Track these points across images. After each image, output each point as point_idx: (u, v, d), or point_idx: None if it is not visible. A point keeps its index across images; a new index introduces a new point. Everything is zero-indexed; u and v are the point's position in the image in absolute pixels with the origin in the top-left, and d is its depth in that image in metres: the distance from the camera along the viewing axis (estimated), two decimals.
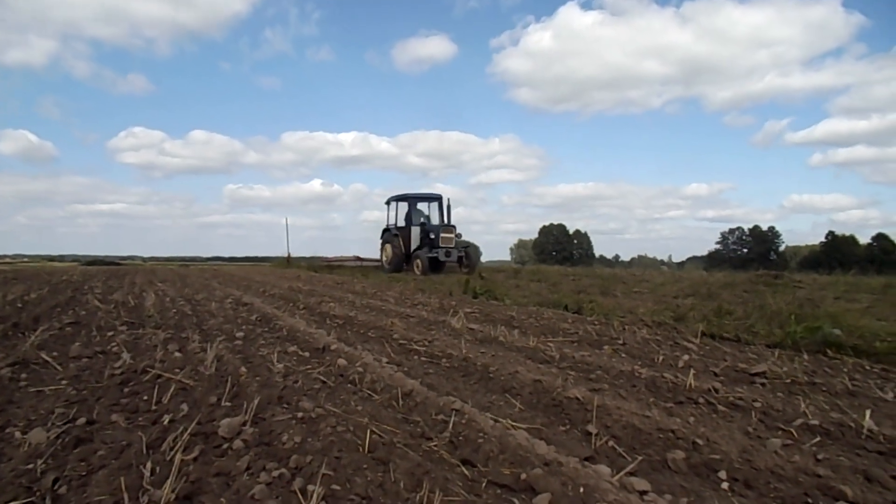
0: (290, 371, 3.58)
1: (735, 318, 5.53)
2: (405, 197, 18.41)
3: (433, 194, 18.50)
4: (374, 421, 2.61)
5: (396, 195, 18.61)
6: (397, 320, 5.84)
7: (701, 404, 2.92)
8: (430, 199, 18.50)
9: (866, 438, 2.40)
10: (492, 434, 2.36)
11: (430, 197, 18.49)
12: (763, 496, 1.99)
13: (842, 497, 1.90)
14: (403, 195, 18.40)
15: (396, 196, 18.62)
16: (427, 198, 18.52)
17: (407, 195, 18.37)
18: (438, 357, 4.13)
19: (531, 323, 5.67)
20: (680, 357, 3.99)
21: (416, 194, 18.52)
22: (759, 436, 2.47)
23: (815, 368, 3.71)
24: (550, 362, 3.91)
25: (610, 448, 2.40)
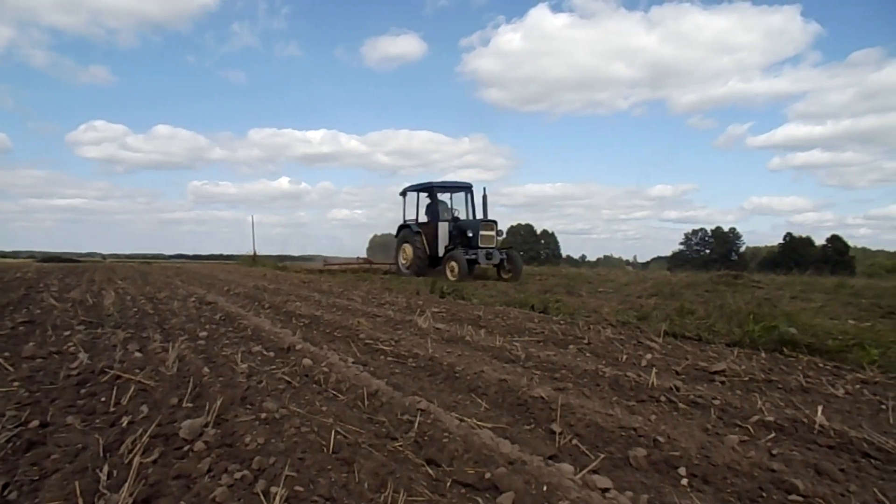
0: (255, 371, 3.53)
1: (697, 318, 5.66)
2: (427, 186, 14.87)
3: (462, 183, 15.12)
4: (338, 421, 2.59)
5: (416, 185, 15.28)
6: (364, 320, 5.82)
7: (662, 402, 2.98)
8: (457, 189, 15.21)
9: (818, 433, 2.48)
10: (457, 433, 2.37)
11: (457, 186, 15.13)
12: (720, 491, 2.04)
13: (794, 490, 1.96)
14: (426, 184, 14.92)
15: (416, 185, 15.26)
16: (453, 187, 15.16)
17: (430, 184, 14.82)
18: (405, 357, 4.13)
19: (498, 322, 5.71)
20: (643, 356, 4.06)
21: (442, 183, 14.98)
22: (718, 432, 2.53)
23: (772, 366, 3.82)
24: (516, 361, 3.94)
25: (573, 446, 2.43)
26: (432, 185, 14.69)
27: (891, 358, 3.87)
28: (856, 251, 67.17)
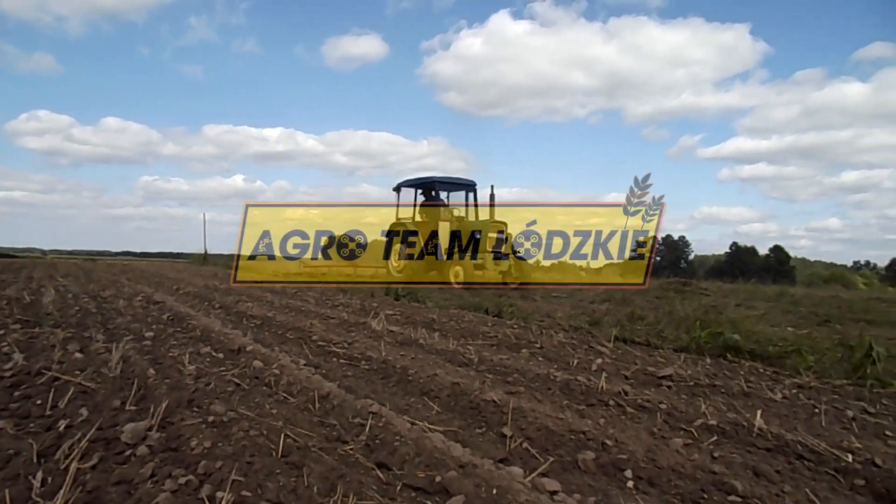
0: (203, 373, 3.45)
1: (646, 324, 5.79)
2: (427, 182, 12.82)
3: (464, 180, 13.09)
4: (289, 424, 2.55)
5: (412, 179, 13.20)
6: (317, 321, 5.75)
7: (611, 406, 3.03)
8: (459, 186, 13.16)
9: (757, 436, 2.57)
10: (408, 437, 2.36)
11: (460, 183, 13.06)
12: (664, 493, 2.09)
13: (733, 491, 2.03)
14: (425, 179, 12.85)
15: (412, 180, 13.18)
16: (456, 184, 13.08)
17: (431, 179, 12.71)
18: (358, 359, 4.09)
19: (452, 326, 5.72)
20: (594, 361, 4.13)
21: (444, 178, 12.84)
22: (664, 436, 2.60)
23: (716, 371, 3.94)
24: (469, 365, 3.96)
25: (524, 450, 2.46)
26: (433, 180, 12.67)
27: (825, 364, 4.04)
28: (796, 261, 69.99)
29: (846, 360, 4.03)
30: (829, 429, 2.76)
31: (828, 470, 2.25)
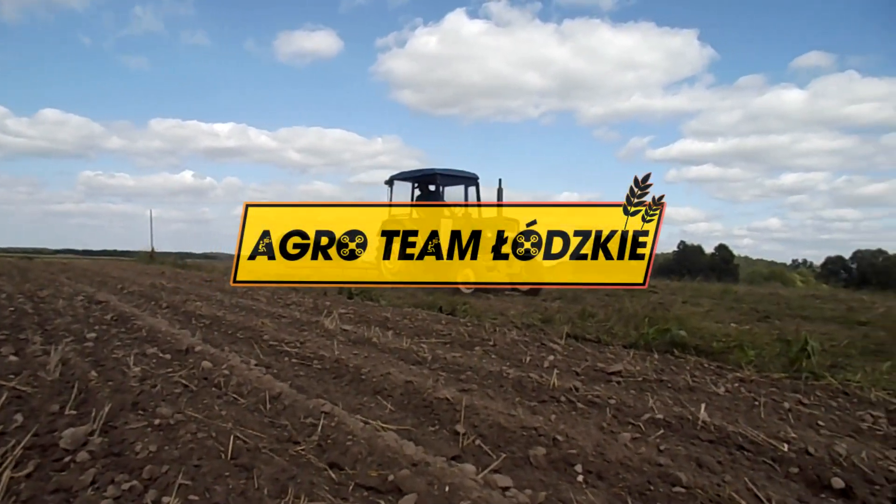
0: (148, 375, 3.34)
1: (597, 321, 5.92)
2: (427, 174, 11.40)
3: (467, 173, 11.79)
4: (238, 426, 2.51)
5: (409, 171, 11.89)
6: (268, 320, 5.65)
7: (562, 402, 3.09)
8: (461, 180, 11.81)
9: (700, 429, 2.66)
10: (361, 436, 2.35)
11: (461, 176, 11.73)
12: (613, 486, 2.14)
13: (678, 483, 2.09)
14: (425, 171, 11.48)
15: (409, 173, 11.88)
16: (458, 177, 11.71)
17: (432, 171, 11.33)
18: (310, 358, 4.04)
19: (406, 324, 5.71)
20: (546, 357, 4.19)
21: (446, 171, 11.51)
22: (612, 430, 2.66)
23: (664, 367, 4.06)
24: (423, 363, 3.96)
25: (476, 447, 2.47)
26: (435, 172, 11.30)
27: (765, 358, 4.22)
28: (739, 260, 72.54)
29: (784, 355, 4.21)
30: (768, 420, 2.87)
31: (765, 459, 2.35)
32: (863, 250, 59.30)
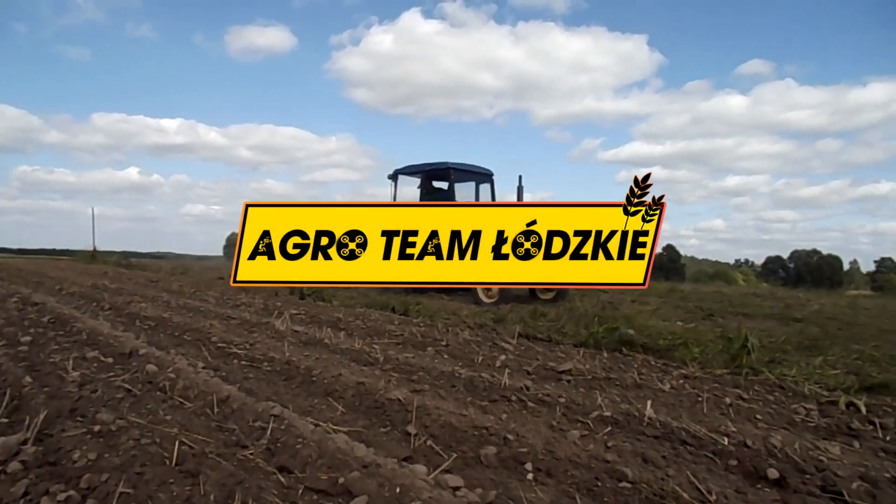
0: (88, 379, 3.22)
1: (548, 320, 6.00)
2: (440, 168, 9.99)
3: (482, 168, 10.56)
4: (184, 431, 2.44)
5: (417, 165, 10.48)
6: (217, 322, 5.52)
7: (513, 402, 3.12)
8: (474, 176, 10.55)
9: (646, 425, 2.73)
10: (311, 439, 2.32)
11: (478, 172, 10.51)
12: (561, 483, 2.18)
13: (624, 478, 2.15)
14: (437, 165, 10.07)
15: (417, 166, 10.46)
16: (473, 172, 10.46)
17: (445, 165, 9.93)
18: (260, 360, 3.97)
19: (358, 325, 5.67)
20: (498, 357, 4.23)
21: (460, 165, 10.12)
22: (562, 428, 2.70)
23: (612, 365, 4.15)
24: (375, 364, 3.94)
25: (428, 447, 2.48)
26: (448, 166, 9.89)
27: (708, 355, 4.37)
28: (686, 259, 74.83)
29: (726, 351, 4.37)
30: (710, 415, 2.97)
31: (707, 453, 2.43)
32: (799, 250, 62.17)
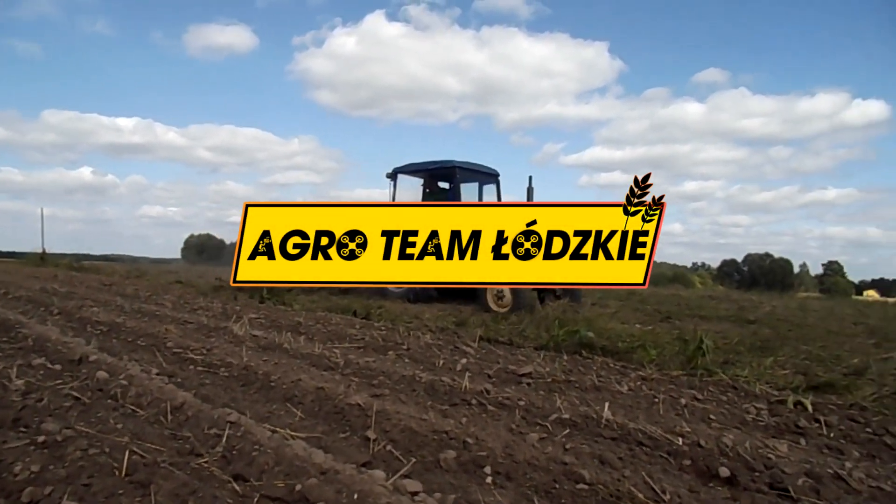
0: (33, 388, 3.10)
1: (510, 324, 6.04)
2: (445, 166, 9.37)
3: (488, 168, 10.04)
4: (135, 440, 2.37)
5: (419, 163, 9.80)
6: (173, 327, 5.39)
7: (473, 405, 3.13)
8: (480, 176, 9.99)
9: (604, 427, 2.77)
10: (268, 445, 2.28)
11: (481, 172, 9.93)
12: (520, 486, 2.19)
13: (581, 480, 2.17)
14: (442, 164, 9.42)
15: (416, 165, 9.83)
16: (478, 172, 9.88)
17: (451, 163, 9.30)
18: (217, 366, 3.89)
19: (319, 329, 5.60)
20: (459, 361, 4.24)
21: (465, 164, 9.50)
22: (521, 431, 2.72)
23: (572, 367, 4.20)
24: (335, 369, 3.90)
25: (387, 452, 2.46)
26: (454, 164, 9.28)
27: (665, 357, 4.46)
28: None
29: (682, 353, 4.47)
30: (666, 416, 3.04)
31: (662, 453, 2.48)
32: (753, 254, 64.10)
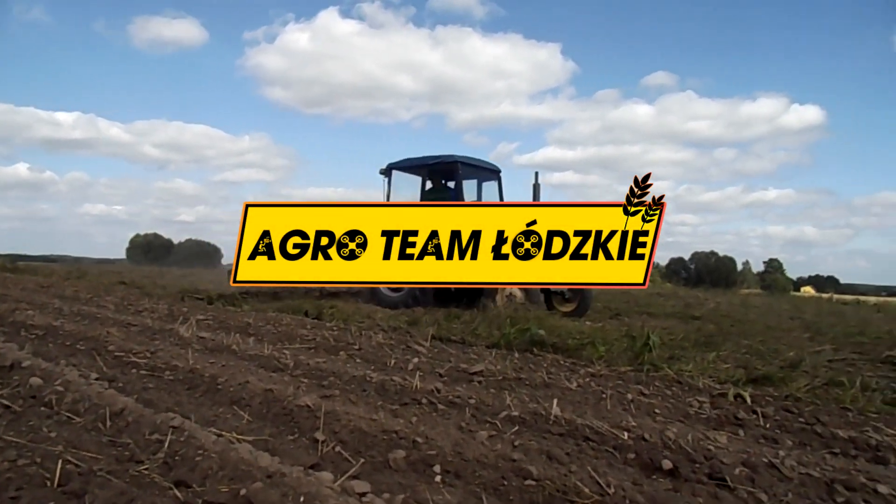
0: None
1: (462, 322, 6.06)
2: (447, 161, 8.86)
3: (489, 164, 9.57)
4: (70, 448, 2.27)
5: (411, 159, 9.30)
6: (115, 329, 5.19)
7: (424, 404, 3.12)
8: (481, 172, 9.51)
9: (552, 423, 2.81)
10: (213, 450, 2.23)
11: (483, 168, 9.43)
12: (469, 484, 2.20)
13: (529, 476, 2.20)
14: (443, 159, 8.90)
15: (413, 160, 9.27)
16: (478, 168, 9.35)
17: (452, 158, 8.82)
18: (161, 369, 3.77)
19: (268, 330, 5.50)
20: (411, 360, 4.23)
21: (467, 159, 9.04)
22: (471, 429, 2.73)
23: (523, 365, 4.24)
24: (284, 370, 3.83)
25: (336, 454, 2.43)
26: (455, 160, 8.80)
27: (614, 353, 4.56)
28: None
29: (630, 349, 4.59)
30: (613, 411, 3.10)
31: (608, 448, 2.53)
32: (699, 252, 66.19)
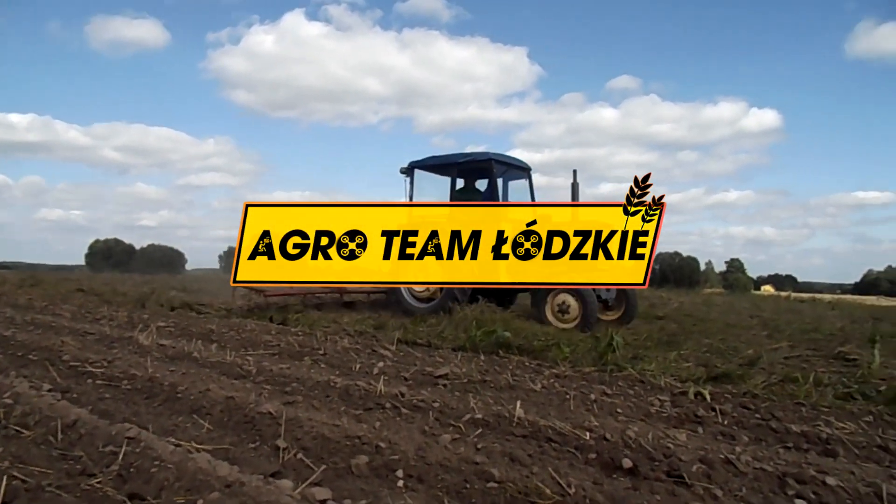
0: None
1: (428, 325, 6.05)
2: (474, 161, 8.11)
3: (520, 162, 8.71)
4: (17, 463, 2.20)
5: (437, 157, 8.51)
6: (70, 338, 5.04)
7: (388, 409, 3.11)
8: (514, 171, 8.68)
9: (516, 425, 2.82)
10: (170, 460, 2.18)
11: (517, 166, 8.62)
12: (432, 488, 2.20)
13: (492, 478, 2.20)
14: (470, 157, 8.15)
15: (439, 159, 8.47)
16: (513, 166, 8.54)
17: (485, 156, 8.02)
18: (118, 379, 3.67)
19: (231, 336, 5.41)
20: (376, 364, 4.21)
21: (499, 156, 8.24)
22: (434, 433, 2.73)
23: (489, 367, 4.26)
24: (247, 377, 3.77)
25: (298, 461, 2.40)
26: (489, 157, 8.01)
27: (579, 354, 4.61)
28: None
29: (594, 350, 4.64)
30: (576, 412, 3.13)
31: (570, 448, 2.55)
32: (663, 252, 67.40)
